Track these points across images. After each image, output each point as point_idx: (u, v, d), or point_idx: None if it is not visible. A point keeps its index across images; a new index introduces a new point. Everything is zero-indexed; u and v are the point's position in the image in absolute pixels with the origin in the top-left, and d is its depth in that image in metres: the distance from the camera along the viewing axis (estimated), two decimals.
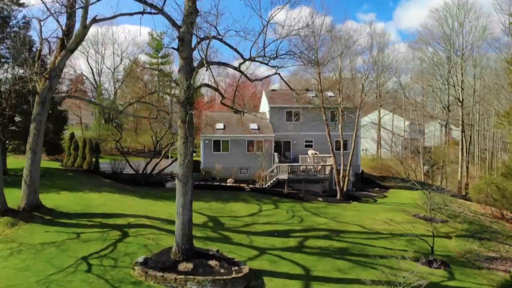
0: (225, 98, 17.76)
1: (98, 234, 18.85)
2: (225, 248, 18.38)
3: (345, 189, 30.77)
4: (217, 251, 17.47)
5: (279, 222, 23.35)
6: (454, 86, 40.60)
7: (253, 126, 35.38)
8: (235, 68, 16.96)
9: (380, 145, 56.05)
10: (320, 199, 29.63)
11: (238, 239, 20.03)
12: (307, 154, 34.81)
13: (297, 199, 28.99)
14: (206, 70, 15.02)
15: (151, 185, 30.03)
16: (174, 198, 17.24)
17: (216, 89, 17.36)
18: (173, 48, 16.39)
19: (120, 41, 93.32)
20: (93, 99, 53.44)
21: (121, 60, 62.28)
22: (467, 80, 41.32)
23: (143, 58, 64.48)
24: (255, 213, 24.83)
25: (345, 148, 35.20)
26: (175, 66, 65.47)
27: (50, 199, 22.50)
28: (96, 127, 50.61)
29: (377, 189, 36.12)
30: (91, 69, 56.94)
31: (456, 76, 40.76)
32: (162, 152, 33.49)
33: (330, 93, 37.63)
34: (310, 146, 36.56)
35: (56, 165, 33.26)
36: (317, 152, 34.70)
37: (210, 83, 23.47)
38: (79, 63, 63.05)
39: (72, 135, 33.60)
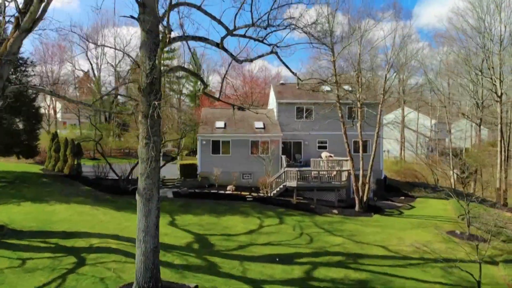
0: (208, 86, 13.21)
1: (48, 261, 14.77)
2: (208, 282, 14.07)
3: (365, 199, 26.03)
4: (196, 287, 13.16)
5: (282, 242, 18.86)
6: (491, 79, 35.20)
7: (258, 124, 30.97)
8: (217, 45, 12.58)
9: (403, 146, 50.80)
10: (335, 211, 24.97)
11: (228, 267, 15.65)
12: (320, 157, 30.20)
13: (307, 211, 24.44)
14: (173, 45, 10.63)
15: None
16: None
17: (194, 74, 12.97)
18: (131, 17, 12.13)
19: (123, 34, 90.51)
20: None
21: (124, 54, 58.92)
22: (507, 70, 35.86)
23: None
24: (254, 230, 20.40)
25: (364, 150, 30.51)
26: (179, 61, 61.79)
27: (5, 212, 18.69)
28: (90, 126, 46.88)
29: (403, 198, 31.16)
30: (91, 64, 53.52)
31: (493, 67, 35.42)
32: None
33: (347, 87, 32.96)
34: (324, 147, 31.93)
35: (36, 169, 29.60)
36: (332, 155, 30.04)
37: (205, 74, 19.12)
38: (77, 58, 59.78)
39: (54, 135, 29.86)
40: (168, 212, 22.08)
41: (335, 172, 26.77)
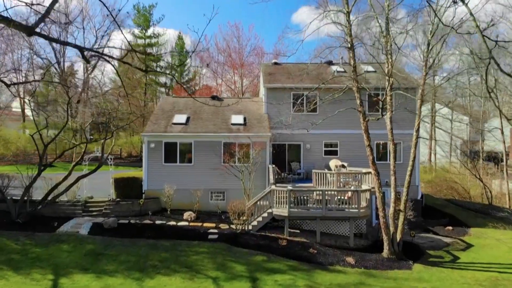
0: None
1: None
2: None
3: (398, 237, 16.14)
4: None
5: None
6: None
7: (236, 119, 21.36)
8: None
9: (434, 150, 40.55)
10: (351, 259, 15.07)
11: None
12: (328, 167, 20.47)
13: (304, 260, 14.64)
14: None
15: (38, 222, 16.62)
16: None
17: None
18: None
19: (95, 15, 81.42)
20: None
21: (96, 39, 49.81)
22: None
23: (127, 37, 51.83)
24: None
25: (390, 156, 20.84)
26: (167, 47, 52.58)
27: None
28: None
29: (450, 228, 21.07)
30: (54, 50, 44.35)
31: None
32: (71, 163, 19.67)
33: (367, 67, 23.18)
34: (333, 153, 22.16)
35: None
36: (345, 164, 20.23)
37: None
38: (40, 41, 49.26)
39: None
40: (59, 267, 12.67)
41: (350, 193, 16.88)
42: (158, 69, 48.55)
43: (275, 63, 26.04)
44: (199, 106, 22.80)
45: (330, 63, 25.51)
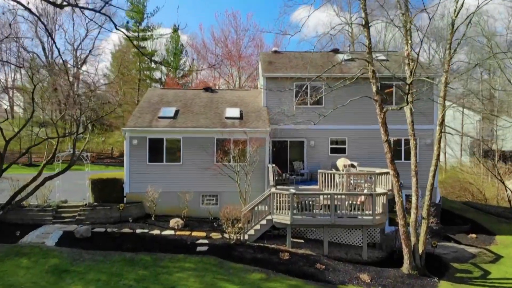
0: None
1: None
2: None
3: (420, 249, 13.74)
4: None
5: None
6: None
7: (231, 112, 18.95)
8: None
9: (444, 149, 38.08)
10: (366, 277, 12.63)
11: None
12: (335, 167, 18.09)
13: (310, 278, 12.20)
14: None
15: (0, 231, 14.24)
16: None
17: None
18: None
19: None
20: None
21: (87, 32, 47.46)
22: None
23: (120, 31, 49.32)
24: None
25: (403, 156, 18.77)
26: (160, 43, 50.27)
27: None
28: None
29: (474, 236, 18.65)
30: (42, 44, 41.90)
31: None
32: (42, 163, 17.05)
33: (379, 55, 20.84)
34: (341, 151, 19.77)
35: None
36: (355, 164, 17.83)
37: None
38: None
39: None
40: None
41: (363, 197, 14.46)
42: (153, 65, 46.16)
43: (275, 52, 23.55)
44: (190, 98, 20.38)
45: (336, 51, 23.11)
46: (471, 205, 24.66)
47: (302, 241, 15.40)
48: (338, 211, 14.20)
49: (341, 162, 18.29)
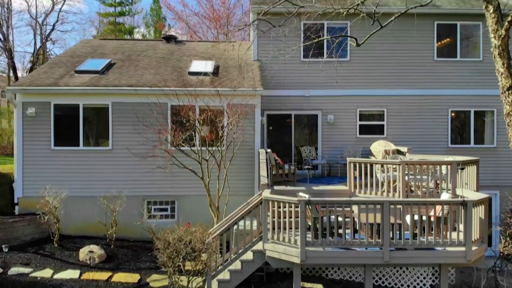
0: None
1: None
2: None
3: None
4: None
5: None
6: None
7: (199, 65, 11.76)
8: None
9: None
10: None
11: None
12: (371, 153, 10.97)
13: None
14: None
15: None
16: None
17: None
18: None
19: None
20: None
21: (53, 4, 40.22)
22: None
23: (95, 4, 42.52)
24: None
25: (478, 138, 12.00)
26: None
27: None
28: None
29: None
30: None
31: None
32: None
33: None
34: (376, 131, 12.53)
35: None
36: (404, 149, 10.70)
37: None
38: None
39: None
40: None
41: (440, 208, 7.22)
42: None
43: None
44: (140, 50, 13.24)
45: None
46: None
47: (320, 285, 8.34)
48: (395, 238, 7.02)
49: (380, 146, 11.16)
